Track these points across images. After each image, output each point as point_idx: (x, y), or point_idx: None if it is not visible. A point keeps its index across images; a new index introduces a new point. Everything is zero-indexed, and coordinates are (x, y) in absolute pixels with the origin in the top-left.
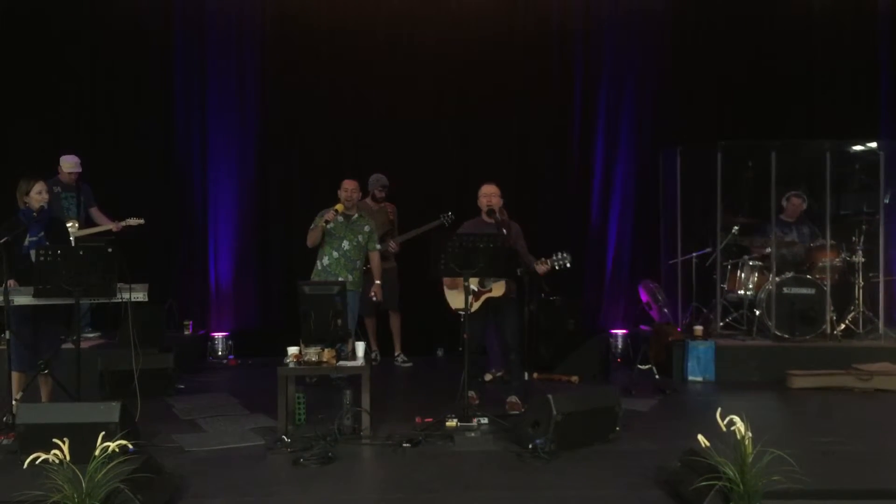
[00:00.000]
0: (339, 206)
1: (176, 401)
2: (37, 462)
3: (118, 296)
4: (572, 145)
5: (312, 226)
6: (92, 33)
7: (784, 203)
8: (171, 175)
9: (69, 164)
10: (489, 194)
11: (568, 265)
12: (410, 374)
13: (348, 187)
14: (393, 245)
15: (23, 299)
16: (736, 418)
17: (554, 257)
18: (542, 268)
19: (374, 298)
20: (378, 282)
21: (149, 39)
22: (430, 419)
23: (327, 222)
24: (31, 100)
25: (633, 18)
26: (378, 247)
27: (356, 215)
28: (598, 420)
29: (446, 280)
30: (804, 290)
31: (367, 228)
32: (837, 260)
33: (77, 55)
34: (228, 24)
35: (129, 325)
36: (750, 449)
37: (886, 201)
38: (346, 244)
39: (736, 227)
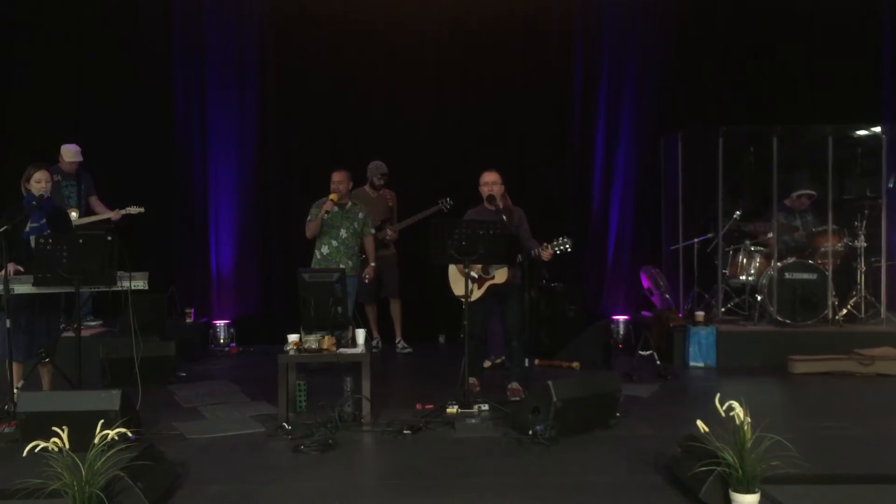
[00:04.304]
0: (333, 196)
1: (177, 388)
2: (36, 450)
3: (118, 284)
4: (573, 130)
5: (310, 217)
6: (90, 19)
7: (794, 197)
8: (171, 163)
9: (70, 153)
10: (489, 182)
11: (568, 249)
12: (411, 361)
13: (336, 179)
14: (390, 233)
15: (23, 288)
16: (735, 404)
17: (555, 242)
18: (546, 254)
19: (367, 279)
20: (372, 264)
21: (148, 26)
22: (430, 406)
23: (327, 212)
24: (28, 89)
25: (633, 3)
26: (373, 231)
27: (349, 203)
28: (599, 406)
29: (452, 267)
30: (806, 276)
31: (360, 215)
32: (840, 245)
33: (75, 41)
34: (228, 10)
35: (130, 313)
36: (749, 434)
37: (890, 185)
38: (343, 232)
39: (738, 213)
